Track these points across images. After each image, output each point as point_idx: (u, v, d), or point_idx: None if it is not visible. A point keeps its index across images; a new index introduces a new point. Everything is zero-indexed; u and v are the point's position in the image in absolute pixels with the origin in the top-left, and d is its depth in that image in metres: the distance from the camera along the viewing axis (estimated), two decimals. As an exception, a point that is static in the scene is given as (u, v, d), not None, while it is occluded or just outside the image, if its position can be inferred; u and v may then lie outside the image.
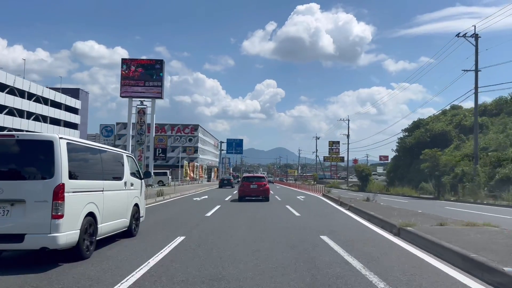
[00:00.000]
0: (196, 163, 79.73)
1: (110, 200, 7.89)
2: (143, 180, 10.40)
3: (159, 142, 62.61)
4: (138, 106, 43.36)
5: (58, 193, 6.10)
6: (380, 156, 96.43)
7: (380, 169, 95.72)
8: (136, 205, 9.56)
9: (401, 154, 50.79)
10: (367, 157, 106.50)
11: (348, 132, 66.36)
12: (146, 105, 43.57)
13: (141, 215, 9.97)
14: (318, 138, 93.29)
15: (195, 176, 72.70)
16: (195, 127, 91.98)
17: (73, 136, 33.39)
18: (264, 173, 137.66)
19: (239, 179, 50.55)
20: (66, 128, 65.15)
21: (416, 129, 49.49)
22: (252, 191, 23.72)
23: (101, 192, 7.55)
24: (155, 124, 49.59)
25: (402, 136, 52.39)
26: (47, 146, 6.27)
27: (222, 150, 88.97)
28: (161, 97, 44.67)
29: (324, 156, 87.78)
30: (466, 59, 77.33)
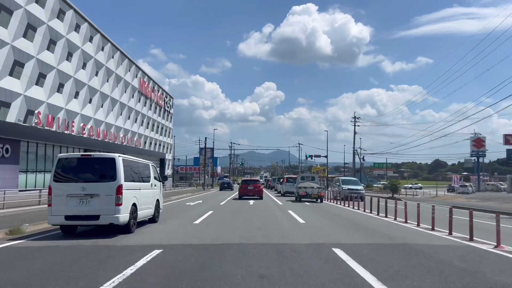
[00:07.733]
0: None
1: (143, 196, 11.69)
2: (161, 183, 14.20)
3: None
4: None
5: (119, 190, 9.89)
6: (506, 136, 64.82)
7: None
8: (157, 200, 13.36)
9: None
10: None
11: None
12: None
13: (160, 208, 13.78)
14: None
15: None
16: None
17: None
18: (266, 175, 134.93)
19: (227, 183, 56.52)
20: None
21: None
22: (249, 191, 30.18)
23: (139, 190, 11.36)
24: None
25: None
26: (111, 161, 10.08)
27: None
28: None
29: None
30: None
